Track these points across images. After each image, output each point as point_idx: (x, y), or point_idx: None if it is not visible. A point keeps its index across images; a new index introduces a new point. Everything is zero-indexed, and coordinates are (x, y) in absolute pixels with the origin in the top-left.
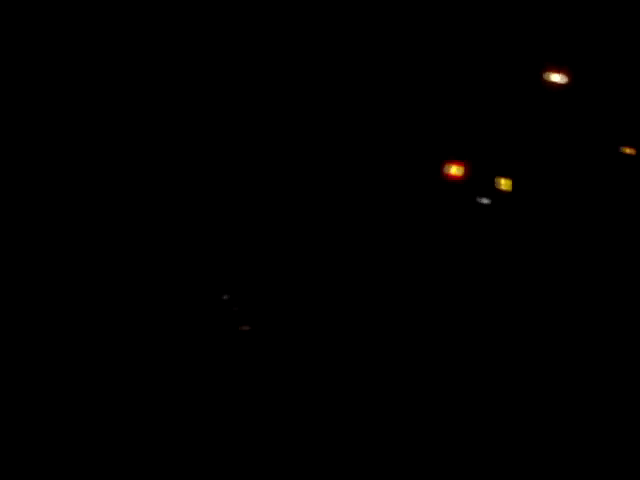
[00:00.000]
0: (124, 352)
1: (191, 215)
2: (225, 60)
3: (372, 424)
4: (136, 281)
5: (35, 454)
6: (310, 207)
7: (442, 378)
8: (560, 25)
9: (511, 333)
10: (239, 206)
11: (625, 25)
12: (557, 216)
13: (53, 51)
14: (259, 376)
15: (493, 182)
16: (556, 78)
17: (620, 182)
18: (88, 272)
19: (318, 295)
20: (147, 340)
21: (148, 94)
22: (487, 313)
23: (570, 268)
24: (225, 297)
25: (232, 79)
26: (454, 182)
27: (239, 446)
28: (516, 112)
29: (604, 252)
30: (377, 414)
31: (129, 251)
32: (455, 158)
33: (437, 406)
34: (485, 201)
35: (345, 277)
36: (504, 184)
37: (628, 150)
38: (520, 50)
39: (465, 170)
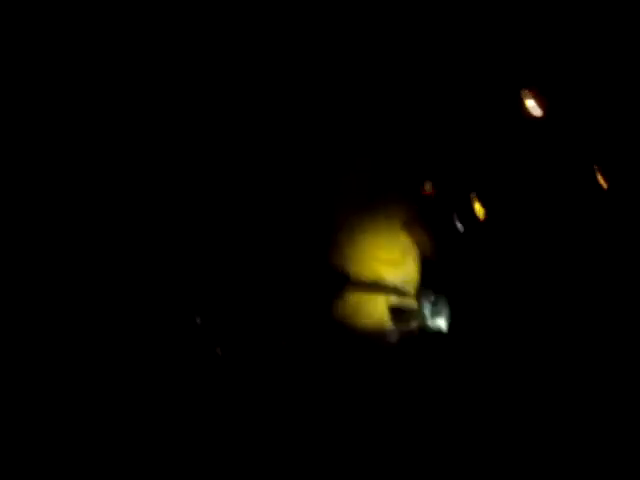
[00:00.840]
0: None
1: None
2: (225, 61)
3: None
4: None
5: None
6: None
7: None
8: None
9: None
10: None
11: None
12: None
13: (53, 52)
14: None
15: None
16: (531, 104)
17: (592, 209)
18: (83, 279)
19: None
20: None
21: (148, 95)
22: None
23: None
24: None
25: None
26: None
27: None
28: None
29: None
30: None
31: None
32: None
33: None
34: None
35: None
36: (478, 209)
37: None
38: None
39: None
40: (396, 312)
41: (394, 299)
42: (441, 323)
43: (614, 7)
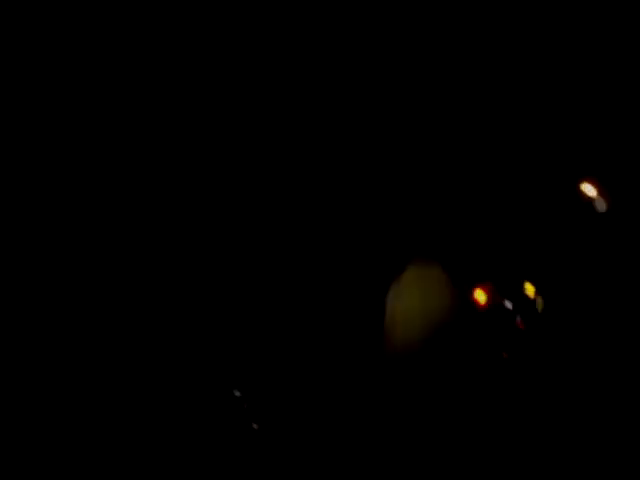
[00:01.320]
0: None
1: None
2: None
3: None
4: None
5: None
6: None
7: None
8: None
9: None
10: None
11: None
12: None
13: (53, 52)
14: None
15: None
16: (587, 189)
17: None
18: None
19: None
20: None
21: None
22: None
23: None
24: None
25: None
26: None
27: None
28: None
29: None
30: None
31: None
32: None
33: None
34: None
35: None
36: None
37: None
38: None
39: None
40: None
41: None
42: None
43: None
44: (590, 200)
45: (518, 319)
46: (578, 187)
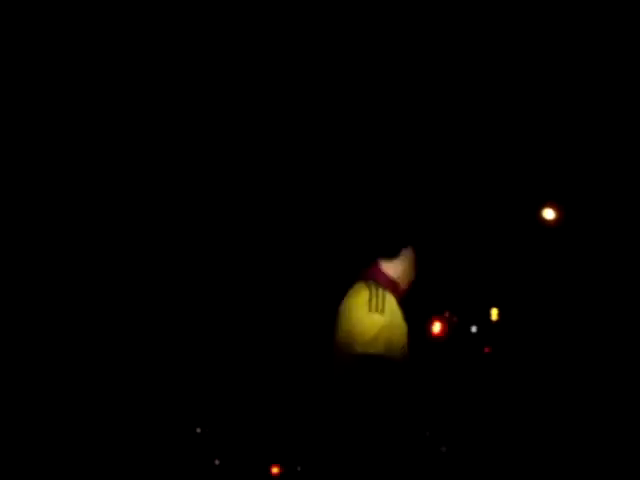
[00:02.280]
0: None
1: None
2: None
3: None
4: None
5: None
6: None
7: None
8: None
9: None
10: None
11: None
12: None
13: (54, 52)
14: None
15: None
16: (548, 214)
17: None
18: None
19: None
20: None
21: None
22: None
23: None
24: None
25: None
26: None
27: None
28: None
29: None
30: None
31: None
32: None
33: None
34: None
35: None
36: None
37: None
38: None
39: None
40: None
41: None
42: None
43: None
44: (550, 224)
45: (484, 345)
46: (539, 212)
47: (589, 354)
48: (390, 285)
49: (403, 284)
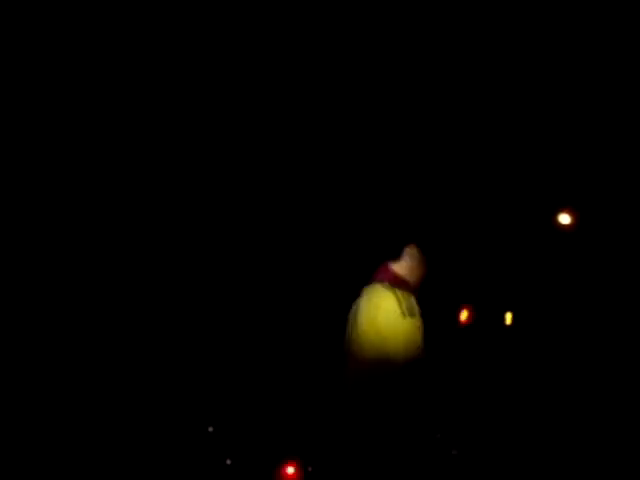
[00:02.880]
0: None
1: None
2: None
3: None
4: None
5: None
6: None
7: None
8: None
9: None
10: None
11: None
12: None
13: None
14: None
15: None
16: (564, 219)
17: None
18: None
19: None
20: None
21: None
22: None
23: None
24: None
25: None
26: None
27: None
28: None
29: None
30: None
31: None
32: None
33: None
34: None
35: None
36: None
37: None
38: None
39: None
40: None
41: None
42: None
43: None
44: (566, 229)
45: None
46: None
47: (605, 358)
48: (403, 284)
49: (413, 282)
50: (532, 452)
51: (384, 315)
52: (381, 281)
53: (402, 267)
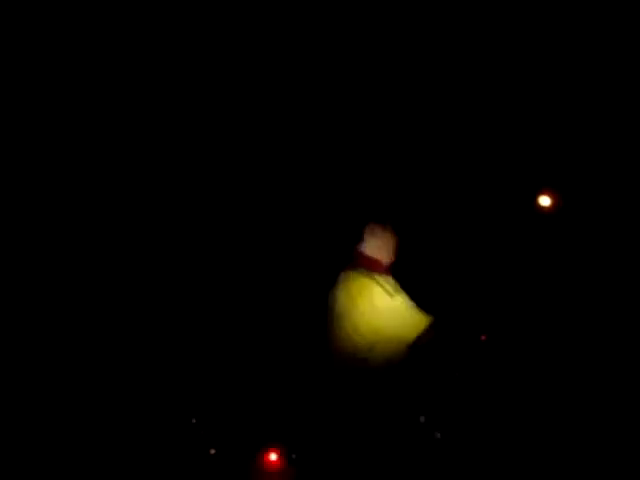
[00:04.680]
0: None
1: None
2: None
3: None
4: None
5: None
6: None
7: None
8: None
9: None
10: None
11: None
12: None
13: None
14: None
15: None
16: (545, 201)
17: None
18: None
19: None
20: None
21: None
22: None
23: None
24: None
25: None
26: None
27: None
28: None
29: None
30: None
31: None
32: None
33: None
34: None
35: None
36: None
37: None
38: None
39: None
40: None
41: None
42: None
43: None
44: (547, 211)
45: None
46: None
47: (588, 343)
48: (376, 265)
49: (385, 259)
50: (518, 433)
51: (369, 303)
52: (355, 268)
53: (370, 248)
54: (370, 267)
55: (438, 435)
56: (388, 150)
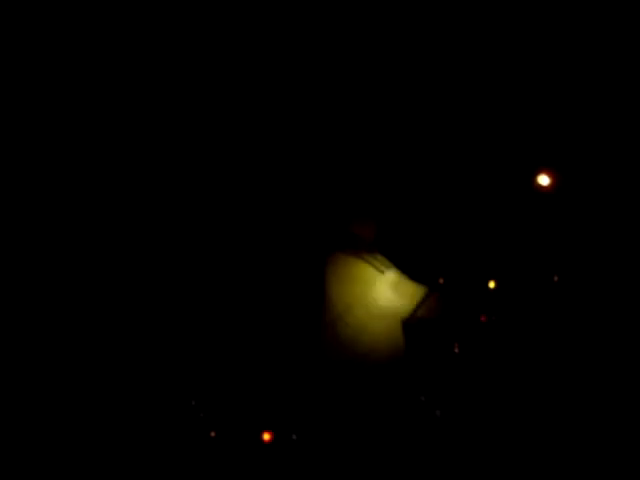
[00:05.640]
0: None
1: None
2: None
3: None
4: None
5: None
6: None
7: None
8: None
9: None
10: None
11: None
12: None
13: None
14: None
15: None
16: (543, 180)
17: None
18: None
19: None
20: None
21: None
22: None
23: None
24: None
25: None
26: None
27: None
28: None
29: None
30: None
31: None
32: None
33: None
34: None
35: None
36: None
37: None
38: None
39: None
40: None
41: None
42: None
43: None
44: (546, 190)
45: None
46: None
47: (587, 322)
48: (361, 243)
49: (365, 234)
50: (517, 412)
51: (361, 283)
52: (343, 249)
53: (361, 227)
54: (357, 246)
55: (438, 413)
56: (387, 126)
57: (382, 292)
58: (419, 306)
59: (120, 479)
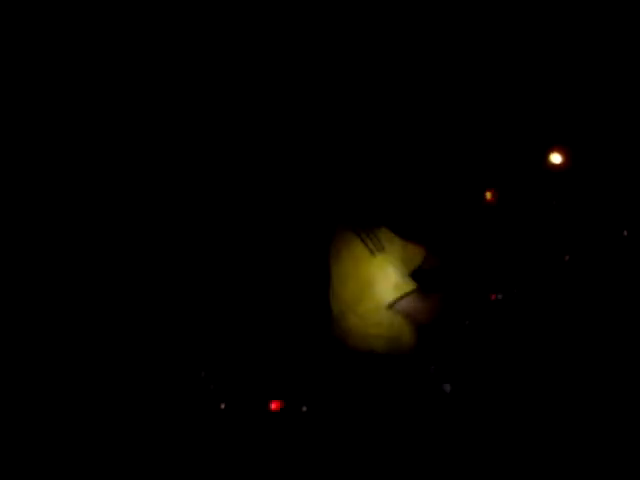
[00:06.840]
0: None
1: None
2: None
3: None
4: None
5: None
6: None
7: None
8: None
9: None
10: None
11: None
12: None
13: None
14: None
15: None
16: (556, 159)
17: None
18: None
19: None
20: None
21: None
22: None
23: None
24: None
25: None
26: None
27: None
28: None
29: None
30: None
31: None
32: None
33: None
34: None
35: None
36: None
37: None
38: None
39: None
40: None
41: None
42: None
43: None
44: (558, 168)
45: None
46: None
47: (596, 298)
48: (362, 219)
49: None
50: (526, 385)
51: (352, 258)
52: (344, 225)
53: (362, 203)
54: (358, 222)
55: (448, 387)
56: (388, 116)
57: (366, 272)
58: (403, 300)
59: (129, 453)
